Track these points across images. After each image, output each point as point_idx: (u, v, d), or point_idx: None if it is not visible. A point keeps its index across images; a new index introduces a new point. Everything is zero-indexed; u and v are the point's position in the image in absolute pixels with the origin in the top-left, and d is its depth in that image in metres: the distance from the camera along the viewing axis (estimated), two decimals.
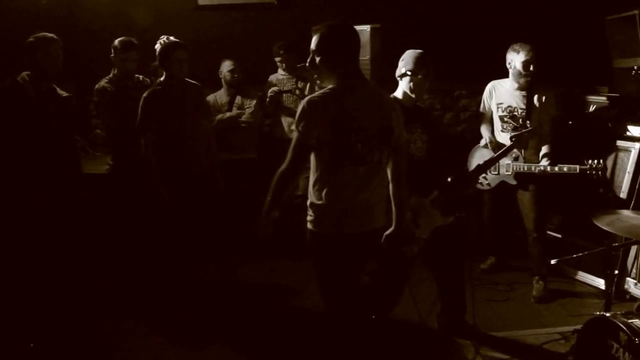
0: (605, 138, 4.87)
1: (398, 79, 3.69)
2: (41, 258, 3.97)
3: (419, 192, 3.54)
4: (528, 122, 4.45)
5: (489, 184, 4.74)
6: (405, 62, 3.65)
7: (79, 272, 4.30)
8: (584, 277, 4.86)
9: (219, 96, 5.39)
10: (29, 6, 5.64)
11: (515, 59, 4.53)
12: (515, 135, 4.21)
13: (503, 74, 4.70)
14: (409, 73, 3.60)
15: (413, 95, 3.64)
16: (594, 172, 4.27)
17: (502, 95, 4.68)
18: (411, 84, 3.61)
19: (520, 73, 4.52)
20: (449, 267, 3.87)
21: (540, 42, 4.67)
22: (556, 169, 4.39)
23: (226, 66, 5.30)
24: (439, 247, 3.69)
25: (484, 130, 4.82)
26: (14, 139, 3.93)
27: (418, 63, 3.60)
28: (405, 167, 3.06)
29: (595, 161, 4.27)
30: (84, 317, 4.18)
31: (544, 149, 4.56)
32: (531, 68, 4.47)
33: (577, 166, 4.32)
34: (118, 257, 4.62)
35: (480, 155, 4.71)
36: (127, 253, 4.61)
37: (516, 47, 4.53)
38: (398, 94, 3.69)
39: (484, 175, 4.72)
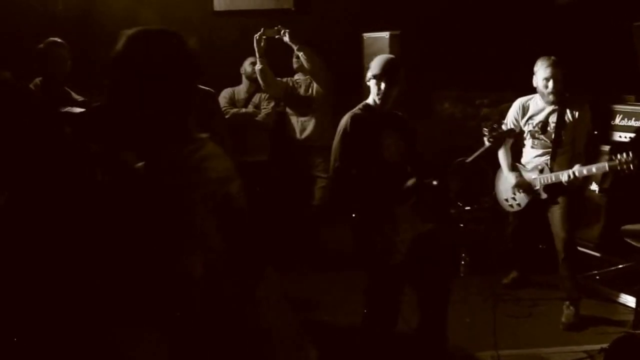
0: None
1: (367, 84, 3.54)
2: (47, 265, 3.92)
3: (393, 196, 3.37)
4: (562, 134, 4.27)
5: (518, 204, 4.52)
6: (372, 66, 3.49)
7: (87, 279, 4.24)
8: (615, 295, 4.65)
9: (238, 91, 5.42)
10: (45, 11, 5.63)
11: (536, 77, 4.33)
12: (491, 137, 3.80)
13: (525, 82, 4.49)
14: (372, 78, 3.45)
15: (378, 103, 3.47)
16: (624, 166, 3.89)
17: (533, 110, 4.44)
18: (375, 89, 3.46)
19: (542, 92, 4.31)
20: (432, 281, 3.45)
21: (565, 49, 4.53)
22: (585, 171, 4.08)
23: (248, 60, 5.33)
24: (421, 258, 3.37)
25: (502, 158, 4.55)
26: (21, 142, 3.90)
27: (383, 68, 3.43)
28: None
29: (624, 154, 3.90)
30: (92, 324, 4.10)
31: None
32: (550, 84, 4.22)
33: (605, 164, 4.01)
34: (128, 263, 4.55)
35: (505, 180, 4.55)
36: (137, 259, 4.53)
37: (538, 63, 4.31)
38: (369, 99, 3.54)
39: (512, 195, 4.53)
